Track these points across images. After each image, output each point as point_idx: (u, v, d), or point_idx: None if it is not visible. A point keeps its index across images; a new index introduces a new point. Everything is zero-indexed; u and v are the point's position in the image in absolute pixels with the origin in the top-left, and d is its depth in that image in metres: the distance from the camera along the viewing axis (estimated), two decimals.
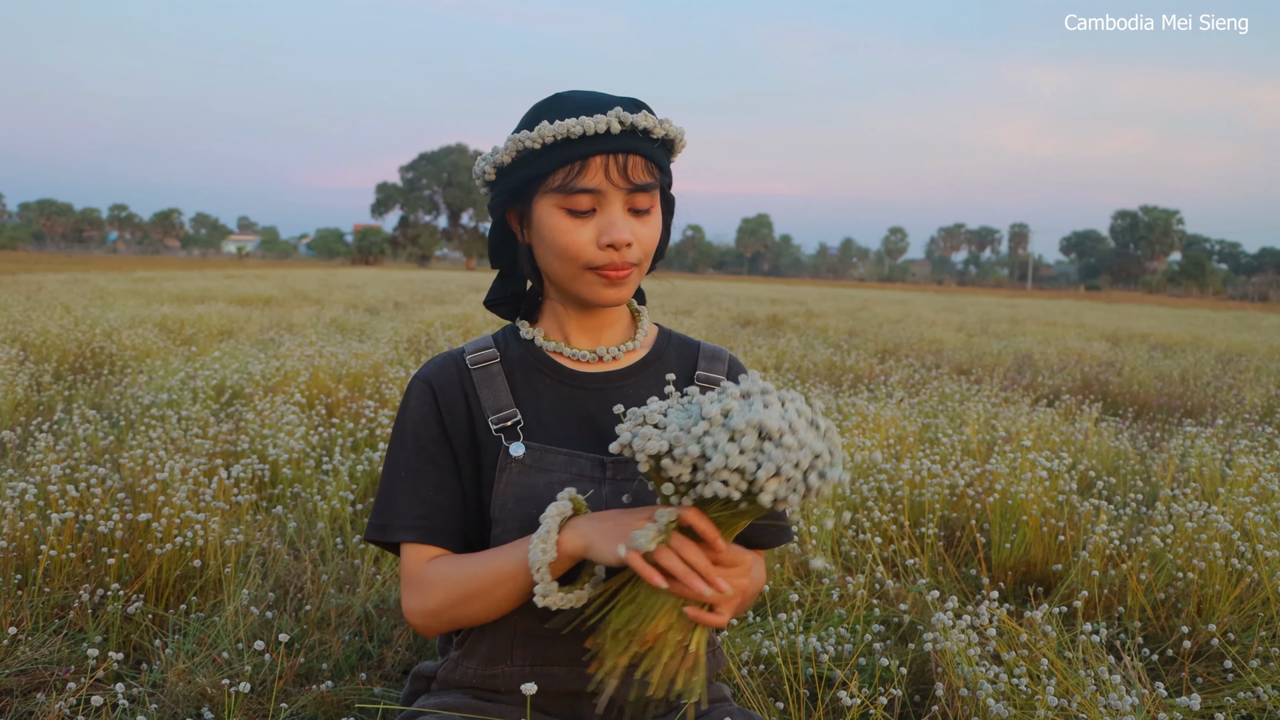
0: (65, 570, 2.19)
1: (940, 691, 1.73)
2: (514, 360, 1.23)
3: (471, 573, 1.12)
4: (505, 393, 1.20)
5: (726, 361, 1.29)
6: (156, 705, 1.78)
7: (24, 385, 4.51)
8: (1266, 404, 6.29)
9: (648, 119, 1.10)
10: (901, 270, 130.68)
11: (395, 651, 2.08)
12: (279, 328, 8.92)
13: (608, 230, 1.10)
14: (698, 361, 1.28)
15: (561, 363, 1.22)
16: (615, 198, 1.10)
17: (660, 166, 1.14)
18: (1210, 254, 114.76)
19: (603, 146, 1.08)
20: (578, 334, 1.23)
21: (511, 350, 1.24)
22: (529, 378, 1.21)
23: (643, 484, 1.17)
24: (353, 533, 2.75)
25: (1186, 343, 12.32)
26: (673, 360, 1.27)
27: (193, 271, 29.14)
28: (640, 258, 1.14)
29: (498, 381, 1.20)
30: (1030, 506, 2.67)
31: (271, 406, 3.70)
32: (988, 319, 16.71)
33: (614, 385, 1.22)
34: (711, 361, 1.28)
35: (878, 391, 5.41)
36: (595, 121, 1.07)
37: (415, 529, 1.17)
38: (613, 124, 1.07)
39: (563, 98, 1.12)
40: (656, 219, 1.16)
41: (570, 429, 1.19)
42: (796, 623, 2.06)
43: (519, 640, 1.18)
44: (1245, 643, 2.17)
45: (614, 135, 1.08)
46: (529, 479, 1.15)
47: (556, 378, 1.21)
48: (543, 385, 1.21)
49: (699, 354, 1.28)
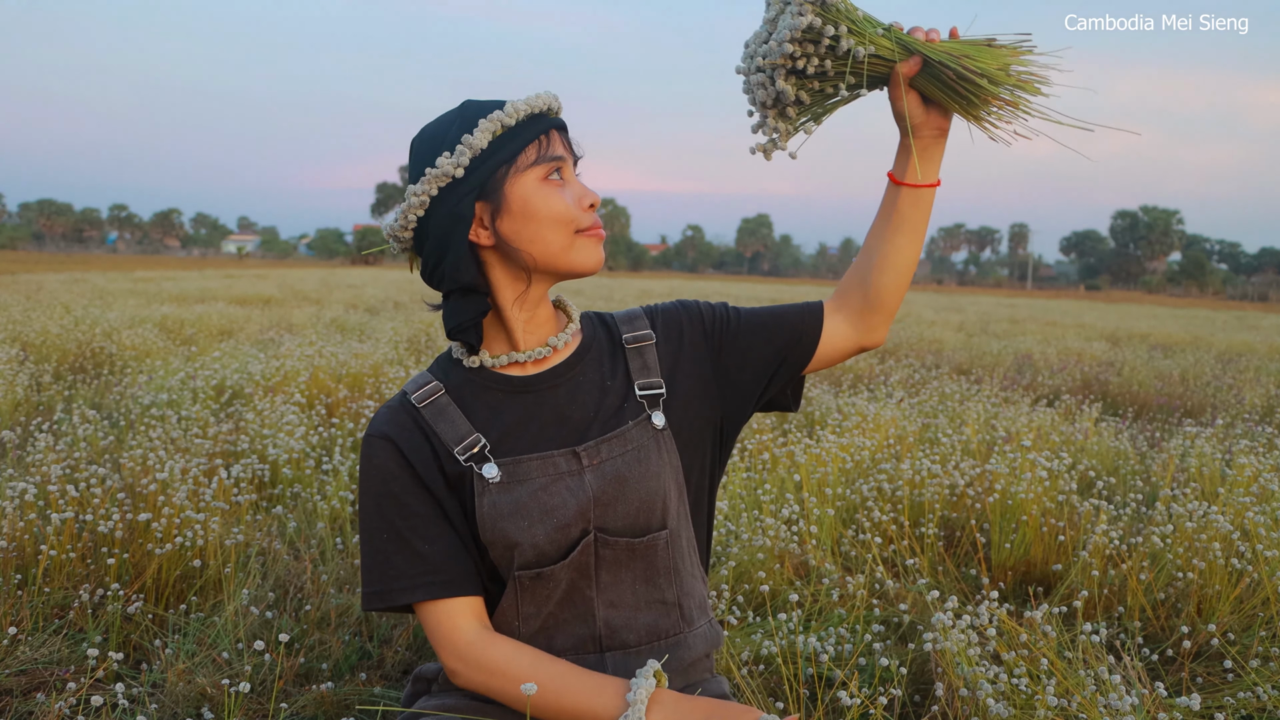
0: (65, 570, 2.19)
1: (940, 691, 1.73)
2: (460, 386, 1.22)
3: (551, 689, 1.09)
4: (461, 420, 1.19)
5: (644, 314, 1.31)
6: (156, 705, 1.78)
7: (24, 385, 4.51)
8: (1266, 404, 6.29)
9: (557, 102, 1.20)
10: None
11: (395, 651, 2.08)
12: (279, 328, 8.92)
13: (584, 193, 1.18)
14: (620, 329, 1.29)
15: (510, 374, 1.22)
16: (569, 166, 1.19)
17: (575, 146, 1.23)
18: (1210, 254, 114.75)
19: (553, 122, 1.18)
20: (527, 336, 1.23)
21: (454, 377, 1.23)
22: (480, 398, 1.21)
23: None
24: (352, 532, 2.75)
25: (1186, 343, 12.32)
26: (604, 338, 1.29)
27: (192, 271, 29.14)
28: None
29: (450, 411, 1.19)
30: (1030, 506, 2.67)
31: (271, 406, 3.70)
32: (987, 319, 16.71)
33: (563, 377, 1.23)
34: (631, 322, 1.29)
35: (878, 391, 5.41)
36: (549, 98, 1.17)
37: (426, 586, 1.15)
38: (552, 103, 1.18)
39: (470, 103, 1.18)
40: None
41: (535, 432, 1.19)
42: (796, 623, 2.06)
43: (523, 635, 1.19)
44: (1245, 643, 2.17)
45: (553, 114, 1.19)
46: (509, 495, 1.15)
47: (508, 389, 1.21)
48: (496, 401, 1.20)
49: (617, 322, 1.30)
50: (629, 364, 1.24)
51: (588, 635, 1.18)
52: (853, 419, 3.94)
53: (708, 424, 1.27)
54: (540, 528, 1.14)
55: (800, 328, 1.27)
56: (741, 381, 1.27)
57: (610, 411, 1.20)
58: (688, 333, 1.28)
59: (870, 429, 3.81)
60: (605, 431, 1.19)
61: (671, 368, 1.25)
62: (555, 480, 1.16)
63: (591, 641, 1.19)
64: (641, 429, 1.19)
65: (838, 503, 2.88)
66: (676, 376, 1.25)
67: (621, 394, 1.22)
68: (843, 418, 4.11)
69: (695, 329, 1.28)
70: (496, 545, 1.15)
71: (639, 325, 1.28)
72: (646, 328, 1.28)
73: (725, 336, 1.27)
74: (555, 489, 1.15)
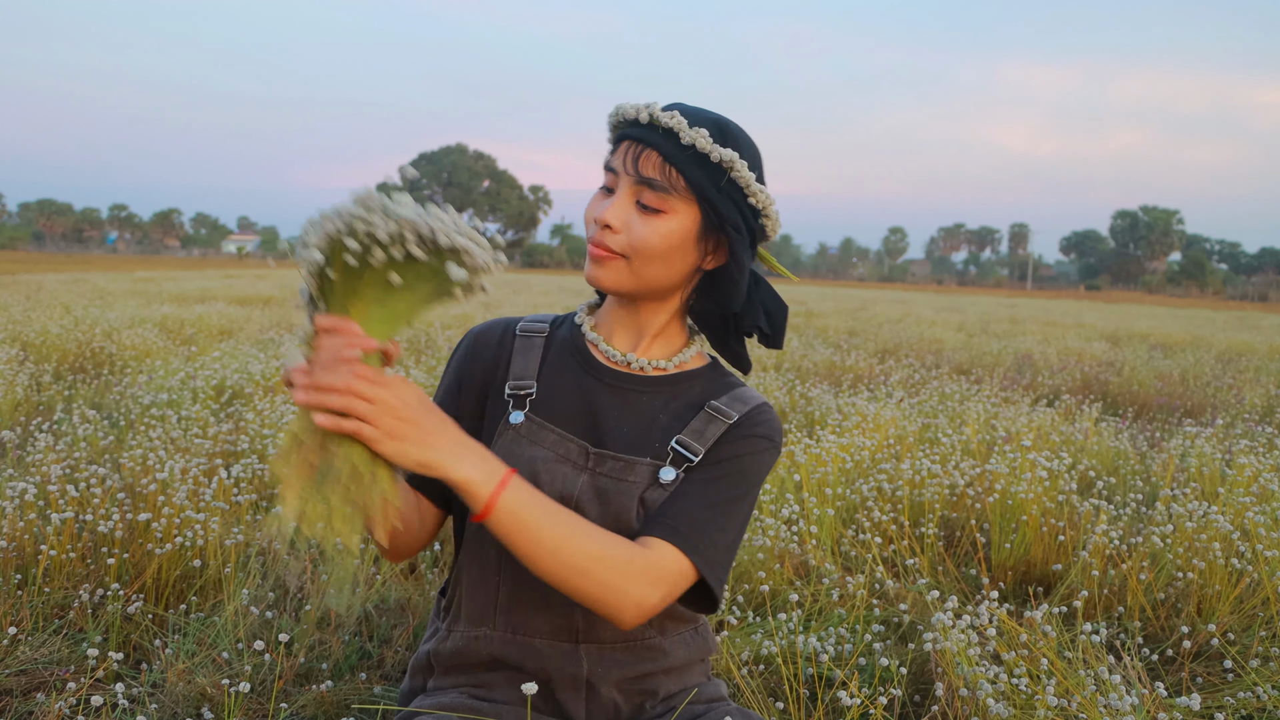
0: (65, 570, 2.19)
1: (940, 691, 1.73)
2: (558, 340, 1.27)
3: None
4: (534, 365, 1.24)
5: (749, 406, 1.21)
6: (156, 705, 1.78)
7: (24, 385, 4.51)
8: (1266, 404, 6.29)
9: (675, 120, 1.10)
10: (901, 270, 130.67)
11: (395, 651, 2.08)
12: (279, 328, 8.92)
13: (600, 208, 1.15)
14: (721, 394, 1.22)
15: (594, 353, 1.24)
16: (626, 185, 1.13)
17: (688, 179, 1.11)
18: (1210, 254, 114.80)
19: (630, 133, 1.14)
20: (620, 331, 1.24)
21: (562, 330, 1.28)
22: (559, 357, 1.25)
23: (601, 475, 1.17)
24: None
25: (1186, 343, 12.32)
26: (698, 388, 1.23)
27: (193, 271, 29.15)
28: (626, 249, 1.13)
29: (533, 354, 1.25)
30: (1030, 506, 2.67)
31: (271, 406, 3.70)
32: (987, 319, 16.71)
33: (628, 388, 1.22)
34: (733, 400, 1.21)
35: (878, 391, 5.41)
36: (633, 108, 1.13)
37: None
38: (641, 114, 1.13)
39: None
40: (664, 226, 1.12)
41: (571, 413, 1.20)
42: (796, 623, 2.06)
43: (501, 605, 1.19)
44: (1245, 643, 2.17)
45: (640, 124, 1.13)
46: (519, 448, 1.17)
47: (582, 364, 1.23)
48: (566, 366, 1.24)
49: (728, 389, 1.23)
50: (693, 418, 1.20)
51: (564, 625, 1.19)
52: (853, 419, 3.94)
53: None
54: None
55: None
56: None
57: (639, 438, 1.19)
58: (727, 454, 1.19)
59: (870, 429, 3.81)
60: (622, 451, 1.18)
61: (708, 452, 1.19)
62: (560, 461, 1.17)
63: (568, 632, 1.19)
64: (648, 470, 1.17)
65: (838, 503, 2.88)
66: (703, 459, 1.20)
67: (662, 433, 1.19)
68: (843, 418, 4.11)
69: (726, 454, 1.19)
70: None
71: (735, 406, 1.21)
72: (738, 412, 1.20)
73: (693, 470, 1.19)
74: (556, 469, 1.16)
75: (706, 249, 1.17)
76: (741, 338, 1.25)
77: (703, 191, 1.12)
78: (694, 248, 1.15)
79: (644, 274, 1.15)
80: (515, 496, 1.00)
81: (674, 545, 1.10)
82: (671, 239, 1.13)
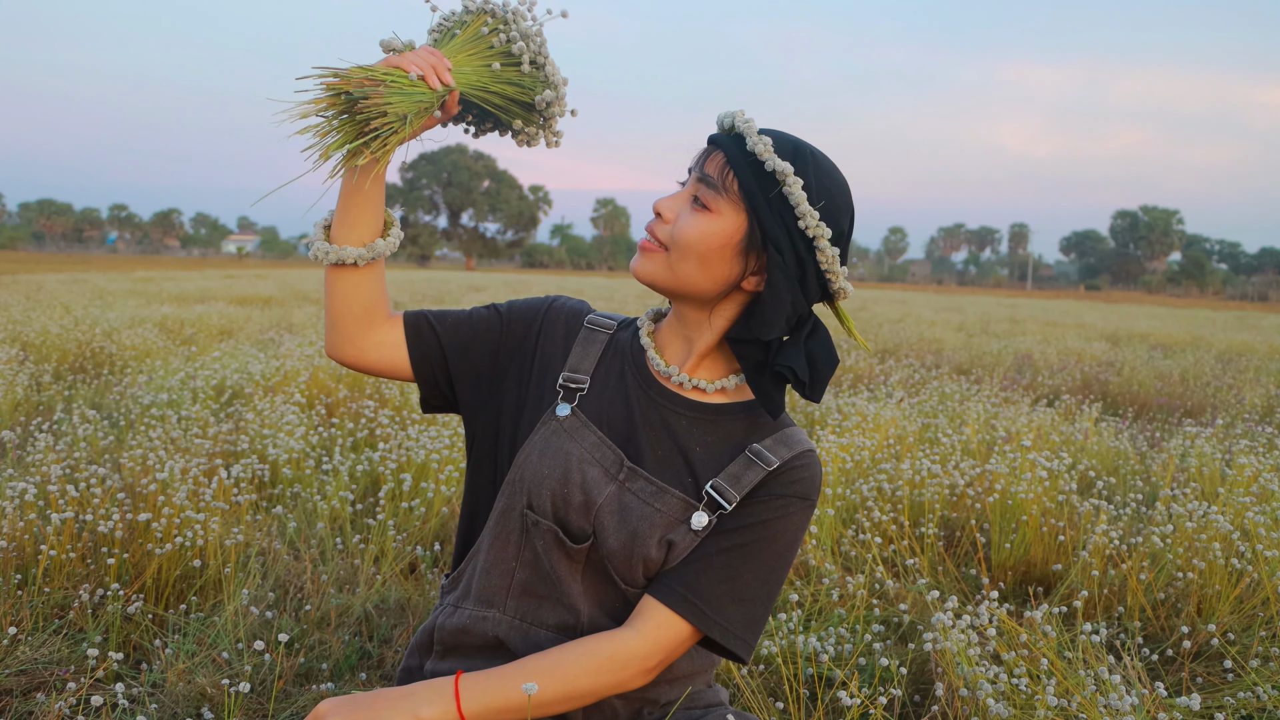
0: (65, 570, 2.19)
1: (940, 691, 1.73)
2: (620, 342, 1.26)
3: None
4: (591, 361, 1.24)
5: (793, 453, 1.17)
6: (156, 705, 1.78)
7: (24, 385, 4.51)
8: (1266, 404, 6.29)
9: (746, 126, 1.12)
10: (901, 270, 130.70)
11: (395, 651, 2.08)
12: (279, 328, 8.91)
13: (660, 198, 1.18)
14: (766, 435, 1.19)
15: (647, 365, 1.23)
16: (690, 181, 1.17)
17: (741, 183, 1.10)
18: (1210, 254, 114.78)
19: (713, 137, 1.17)
20: (671, 345, 1.22)
21: (625, 334, 1.28)
22: (617, 360, 1.24)
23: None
24: (352, 532, 2.75)
25: (1186, 343, 12.32)
26: (741, 426, 1.19)
27: (193, 271, 29.15)
28: (667, 240, 1.14)
29: (593, 349, 1.24)
30: (1030, 506, 2.67)
31: (271, 406, 3.70)
32: (987, 319, 16.71)
33: (670, 409, 1.19)
34: (776, 444, 1.17)
35: (878, 391, 5.41)
36: (724, 114, 1.16)
37: (422, 313, 1.26)
38: (725, 120, 1.16)
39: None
40: (707, 225, 1.11)
41: (615, 419, 1.19)
42: (796, 623, 2.06)
43: (515, 590, 1.19)
44: (1245, 643, 2.17)
45: (721, 129, 1.17)
46: (558, 440, 1.17)
47: (637, 373, 1.22)
48: (620, 372, 1.23)
49: (775, 429, 1.19)
50: (733, 460, 1.17)
51: (570, 624, 1.18)
52: (853, 419, 3.94)
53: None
54: (548, 484, 1.15)
55: None
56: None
57: (671, 464, 1.17)
58: (756, 516, 1.16)
59: (870, 429, 3.81)
60: (654, 473, 1.16)
61: (742, 500, 1.16)
62: (593, 465, 1.16)
63: (573, 630, 1.18)
64: (678, 504, 1.15)
65: (838, 503, 2.88)
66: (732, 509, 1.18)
67: (696, 467, 1.17)
68: (843, 418, 4.11)
69: (755, 512, 1.17)
70: (520, 468, 1.18)
71: (778, 451, 1.17)
72: (781, 458, 1.16)
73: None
74: (588, 471, 1.15)
75: (748, 265, 1.13)
76: (779, 379, 1.16)
77: (752, 199, 1.10)
78: (734, 258, 1.12)
79: (678, 269, 1.14)
80: (472, 695, 1.05)
81: (681, 616, 1.12)
82: (710, 239, 1.11)
